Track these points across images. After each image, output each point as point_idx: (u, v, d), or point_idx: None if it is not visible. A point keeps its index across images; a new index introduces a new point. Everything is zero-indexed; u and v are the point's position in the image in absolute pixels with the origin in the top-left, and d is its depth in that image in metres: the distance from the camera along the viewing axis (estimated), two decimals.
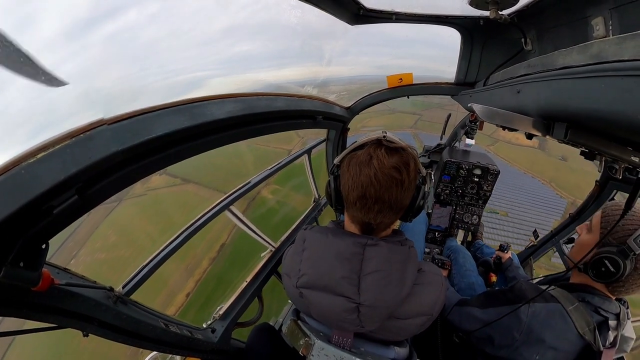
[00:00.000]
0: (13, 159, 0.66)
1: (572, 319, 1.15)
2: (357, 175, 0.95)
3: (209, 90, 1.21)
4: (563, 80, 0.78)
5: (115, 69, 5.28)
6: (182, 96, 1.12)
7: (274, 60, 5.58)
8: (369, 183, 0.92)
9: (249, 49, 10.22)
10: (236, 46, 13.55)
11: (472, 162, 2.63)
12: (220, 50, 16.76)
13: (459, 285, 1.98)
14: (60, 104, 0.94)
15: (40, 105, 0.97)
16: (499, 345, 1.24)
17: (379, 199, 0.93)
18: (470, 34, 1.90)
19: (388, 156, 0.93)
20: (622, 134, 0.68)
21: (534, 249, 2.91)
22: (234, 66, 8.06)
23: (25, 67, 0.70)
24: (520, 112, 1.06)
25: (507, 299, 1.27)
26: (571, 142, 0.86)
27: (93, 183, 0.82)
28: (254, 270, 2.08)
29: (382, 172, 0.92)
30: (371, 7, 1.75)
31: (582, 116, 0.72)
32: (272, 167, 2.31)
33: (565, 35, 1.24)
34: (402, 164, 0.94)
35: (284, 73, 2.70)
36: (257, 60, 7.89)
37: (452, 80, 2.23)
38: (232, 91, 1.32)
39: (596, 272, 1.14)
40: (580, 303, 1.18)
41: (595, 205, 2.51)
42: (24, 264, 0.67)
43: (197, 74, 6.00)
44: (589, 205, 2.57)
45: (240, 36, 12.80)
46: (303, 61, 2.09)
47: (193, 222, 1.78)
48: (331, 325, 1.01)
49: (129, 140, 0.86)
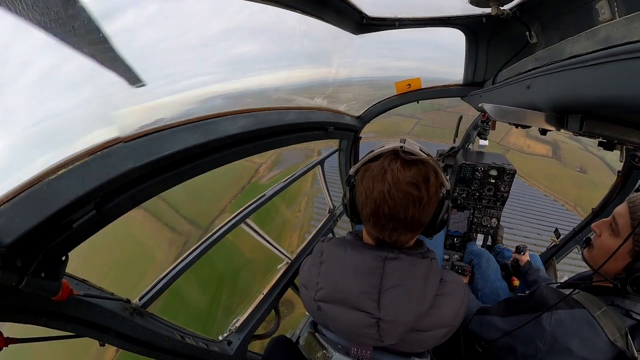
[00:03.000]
0: (36, 176, 0.70)
1: (601, 325, 1.06)
2: (370, 190, 0.89)
3: (209, 92, 1.25)
4: (573, 70, 0.75)
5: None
6: (185, 99, 1.16)
7: (278, 62, 5.69)
8: (383, 200, 0.86)
9: (250, 50, 10.57)
10: (238, 47, 14.07)
11: (487, 163, 2.56)
12: (220, 52, 17.54)
13: (483, 291, 1.89)
14: (60, 104, 0.99)
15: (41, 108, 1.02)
16: (522, 356, 1.16)
17: (392, 218, 0.87)
18: (474, 33, 1.89)
19: (404, 170, 0.86)
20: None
21: (557, 249, 2.78)
22: (237, 68, 8.34)
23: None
24: (531, 107, 1.04)
25: (528, 307, 1.19)
26: (588, 134, 0.82)
27: (110, 198, 0.85)
28: (271, 283, 2.08)
29: (396, 189, 0.85)
30: (374, 15, 1.78)
31: (597, 105, 0.70)
32: (286, 179, 2.33)
33: (570, 24, 1.21)
34: (420, 179, 0.86)
35: (287, 75, 2.75)
36: (259, 61, 8.09)
37: (461, 82, 2.20)
38: (237, 94, 1.35)
39: (637, 287, 1.01)
40: (608, 307, 1.08)
41: (619, 199, 2.38)
42: (45, 275, 0.70)
43: (200, 78, 6.27)
44: (612, 198, 2.44)
45: (242, 37, 13.30)
46: (309, 63, 2.14)
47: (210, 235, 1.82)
48: (350, 339, 0.98)
49: (145, 157, 0.89)
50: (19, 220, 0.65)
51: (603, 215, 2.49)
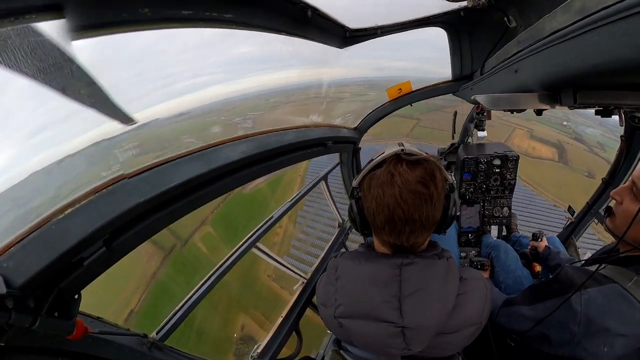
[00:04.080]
0: (43, 217, 0.72)
1: (635, 297, 1.00)
2: (381, 197, 0.88)
3: (209, 94, 1.27)
4: (556, 46, 0.76)
5: (110, 74, 5.59)
6: (185, 104, 1.19)
7: (274, 62, 5.71)
8: (396, 204, 0.86)
9: (247, 51, 10.66)
10: (235, 48, 14.12)
11: (489, 153, 2.55)
12: (218, 53, 17.80)
13: (506, 282, 1.83)
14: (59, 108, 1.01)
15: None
16: (557, 343, 1.10)
17: (409, 220, 0.87)
18: (455, 28, 1.93)
19: (411, 171, 0.87)
20: (632, 79, 0.65)
21: (573, 226, 2.70)
22: (234, 69, 8.45)
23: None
24: (523, 90, 1.04)
25: (554, 290, 1.13)
26: (583, 105, 0.82)
27: (119, 235, 0.86)
28: (289, 304, 2.05)
29: (407, 190, 0.85)
30: (356, 27, 1.83)
31: (586, 75, 0.70)
32: (291, 199, 2.34)
33: (544, 2, 1.23)
34: (427, 177, 0.87)
35: (284, 75, 2.79)
36: (256, 62, 8.08)
37: (450, 78, 2.23)
38: (233, 95, 1.37)
39: None
40: (639, 276, 1.03)
41: (627, 163, 2.30)
42: (59, 314, 0.70)
43: (198, 79, 6.23)
44: (620, 165, 2.37)
45: (239, 38, 13.47)
46: (304, 64, 2.17)
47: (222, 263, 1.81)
48: (376, 352, 0.95)
49: (149, 192, 0.91)
50: (29, 261, 0.65)
51: (614, 183, 2.42)
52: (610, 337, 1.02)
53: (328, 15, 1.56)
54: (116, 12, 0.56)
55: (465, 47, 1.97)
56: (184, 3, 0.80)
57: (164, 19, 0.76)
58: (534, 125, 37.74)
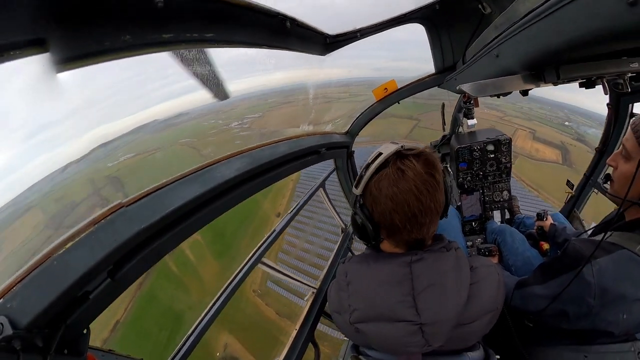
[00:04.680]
0: (43, 253, 0.70)
1: None
2: (396, 194, 0.87)
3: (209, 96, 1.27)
4: (532, 26, 0.78)
5: (111, 75, 5.44)
6: (182, 106, 1.18)
7: (268, 63, 5.71)
8: (414, 197, 0.86)
9: (245, 52, 10.73)
10: (232, 50, 14.40)
11: (481, 140, 2.57)
12: (216, 54, 18.24)
13: (515, 265, 1.82)
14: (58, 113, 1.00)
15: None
16: (575, 318, 1.09)
17: (427, 210, 0.87)
18: (432, 22, 1.96)
19: (417, 163, 0.88)
20: (610, 48, 0.66)
21: (574, 199, 2.73)
22: (230, 70, 8.62)
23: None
24: (506, 73, 1.06)
25: (564, 265, 1.13)
26: (566, 80, 0.83)
27: (123, 264, 0.85)
28: (301, 316, 2.02)
29: (421, 181, 0.86)
30: (335, 32, 1.87)
31: (565, 50, 0.71)
32: (291, 210, 2.34)
33: None
34: (431, 166, 0.89)
35: (276, 77, 2.77)
36: (253, 63, 8.14)
37: (433, 72, 2.26)
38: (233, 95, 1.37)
39: None
40: None
41: (617, 130, 2.36)
42: (68, 351, 0.68)
43: (191, 81, 6.29)
44: (610, 132, 2.42)
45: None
46: (295, 64, 2.18)
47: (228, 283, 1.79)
48: (396, 352, 0.94)
49: (149, 218, 0.90)
50: (34, 299, 0.64)
51: (608, 151, 2.46)
52: (628, 304, 1.02)
53: (307, 24, 1.58)
54: (99, 41, 0.57)
55: (444, 39, 2.01)
56: (165, 27, 0.80)
57: (146, 44, 0.77)
58: (536, 125, 37.92)
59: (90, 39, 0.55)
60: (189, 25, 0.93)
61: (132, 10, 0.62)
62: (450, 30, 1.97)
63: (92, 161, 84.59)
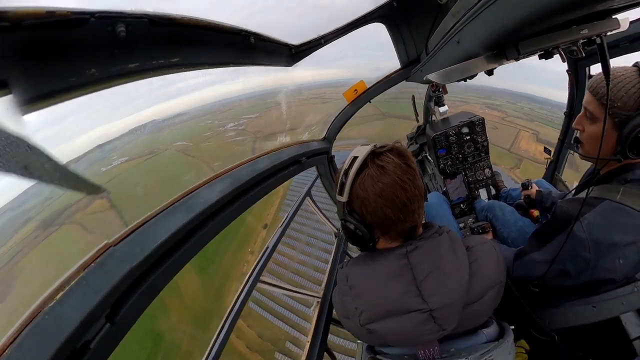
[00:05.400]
0: (34, 308, 0.66)
1: (627, 205, 1.06)
2: (384, 190, 0.90)
3: (207, 96, 1.26)
4: (487, 9, 0.82)
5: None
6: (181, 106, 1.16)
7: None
8: (400, 187, 0.90)
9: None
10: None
11: (455, 124, 2.66)
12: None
13: (510, 236, 1.88)
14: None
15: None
16: (576, 274, 1.14)
17: (414, 197, 0.92)
18: (392, 19, 2.03)
19: (394, 156, 0.93)
20: (560, 20, 0.71)
21: (554, 164, 2.90)
22: (226, 70, 8.50)
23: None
24: (470, 57, 1.10)
25: (556, 228, 1.18)
26: (526, 54, 0.88)
27: (120, 306, 0.82)
28: (311, 327, 1.99)
29: (402, 171, 0.91)
30: (300, 42, 1.89)
31: (521, 27, 0.76)
32: (282, 223, 2.31)
33: None
34: (405, 156, 0.95)
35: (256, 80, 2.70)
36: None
37: (399, 67, 2.33)
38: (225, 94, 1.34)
39: (637, 150, 1.05)
40: (624, 185, 1.10)
41: (580, 93, 2.54)
42: None
43: (190, 81, 6.03)
44: (574, 95, 2.60)
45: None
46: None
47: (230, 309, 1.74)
48: (412, 344, 0.94)
49: (139, 254, 0.88)
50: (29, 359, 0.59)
51: (574, 114, 2.63)
52: (621, 249, 1.07)
53: (271, 37, 1.59)
54: (63, 78, 0.55)
55: (405, 34, 2.08)
56: (130, 57, 0.79)
57: (112, 77, 0.74)
58: (538, 126, 39.24)
59: (54, 77, 0.53)
60: (154, 52, 0.92)
61: (95, 42, 0.60)
62: (410, 24, 2.04)
63: (88, 163, 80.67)
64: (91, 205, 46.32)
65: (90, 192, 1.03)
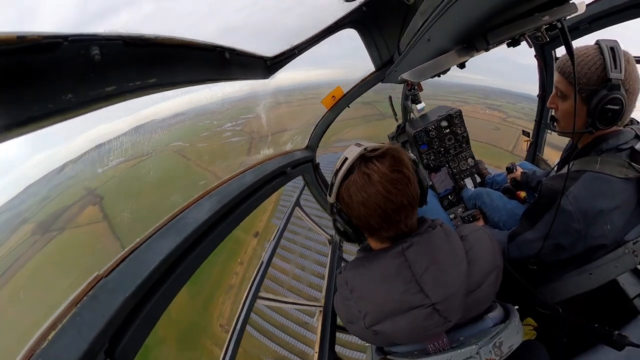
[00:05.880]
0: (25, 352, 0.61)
1: (606, 173, 1.14)
2: (367, 199, 0.90)
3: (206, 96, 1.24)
4: (453, 5, 0.86)
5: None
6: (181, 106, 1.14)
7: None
8: (384, 199, 0.89)
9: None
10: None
11: (434, 119, 2.74)
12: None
13: (502, 220, 1.94)
14: None
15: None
16: (570, 246, 1.20)
17: (401, 207, 0.91)
18: (363, 24, 2.09)
19: (381, 164, 0.91)
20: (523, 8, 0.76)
21: (534, 145, 3.05)
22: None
23: None
24: (441, 53, 1.15)
25: (544, 205, 1.24)
26: (495, 44, 0.93)
27: (119, 339, 0.78)
28: (317, 338, 1.96)
29: (388, 181, 0.89)
30: (274, 54, 1.91)
31: (486, 18, 0.80)
32: (274, 237, 2.29)
33: None
34: (397, 163, 0.92)
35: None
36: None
37: (373, 69, 2.39)
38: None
39: (605, 120, 1.12)
40: (601, 155, 1.17)
41: (549, 75, 2.70)
42: None
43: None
44: (545, 78, 2.76)
45: (237, 39, 12.81)
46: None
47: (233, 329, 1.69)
48: (421, 339, 0.94)
49: (132, 283, 0.85)
50: None
51: (547, 95, 2.77)
52: (607, 215, 1.14)
53: (245, 51, 1.60)
54: (41, 104, 0.53)
55: (377, 37, 2.15)
56: (106, 80, 0.77)
57: (91, 101, 0.72)
58: None
59: (32, 102, 0.51)
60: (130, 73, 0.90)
61: (69, 67, 0.58)
62: (381, 27, 2.11)
63: (85, 163, 76.66)
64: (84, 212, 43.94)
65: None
